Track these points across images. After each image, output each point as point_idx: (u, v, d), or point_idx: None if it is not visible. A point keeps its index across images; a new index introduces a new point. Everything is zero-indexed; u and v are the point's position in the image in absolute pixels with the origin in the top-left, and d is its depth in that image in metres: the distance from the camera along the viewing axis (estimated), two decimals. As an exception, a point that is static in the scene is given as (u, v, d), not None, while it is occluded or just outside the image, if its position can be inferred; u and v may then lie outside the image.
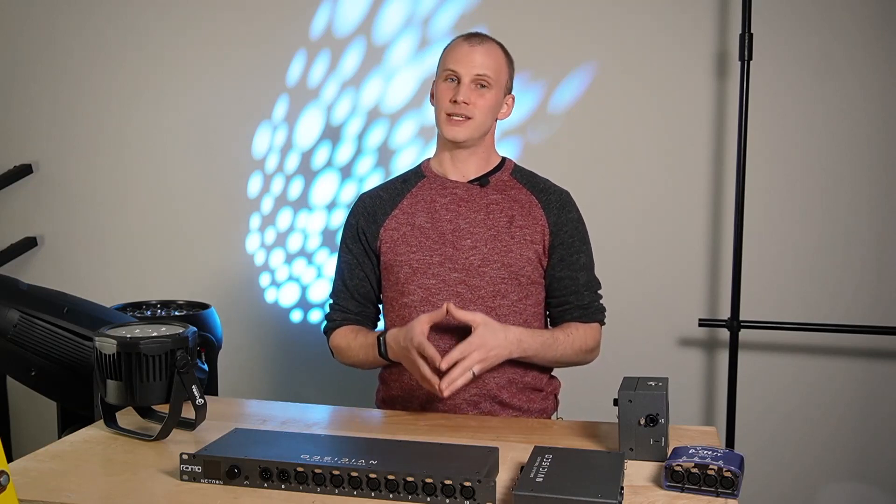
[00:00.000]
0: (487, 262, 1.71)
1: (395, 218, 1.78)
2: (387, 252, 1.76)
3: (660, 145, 2.53)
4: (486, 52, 1.73)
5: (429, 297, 1.72)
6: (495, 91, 1.73)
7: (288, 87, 2.77)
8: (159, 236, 2.94)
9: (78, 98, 2.96)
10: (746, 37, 2.29)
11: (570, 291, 1.75)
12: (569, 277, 1.75)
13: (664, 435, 1.34)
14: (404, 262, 1.74)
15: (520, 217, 1.74)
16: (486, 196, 1.76)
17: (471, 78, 1.71)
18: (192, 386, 1.45)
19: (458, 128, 1.72)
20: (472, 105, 1.71)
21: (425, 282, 1.72)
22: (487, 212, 1.75)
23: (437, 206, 1.77)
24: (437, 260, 1.72)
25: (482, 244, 1.72)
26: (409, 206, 1.78)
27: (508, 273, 1.71)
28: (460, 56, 1.72)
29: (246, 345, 2.87)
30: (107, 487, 1.28)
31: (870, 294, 2.43)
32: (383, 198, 1.82)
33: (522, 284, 1.73)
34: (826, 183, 2.44)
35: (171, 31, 2.86)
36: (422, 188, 1.80)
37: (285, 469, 1.22)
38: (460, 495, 1.15)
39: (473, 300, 1.71)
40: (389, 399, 1.80)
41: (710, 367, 2.57)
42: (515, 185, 1.79)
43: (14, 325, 1.65)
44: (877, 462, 2.47)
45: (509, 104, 1.80)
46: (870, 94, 2.38)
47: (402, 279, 1.74)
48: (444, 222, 1.74)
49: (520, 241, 1.72)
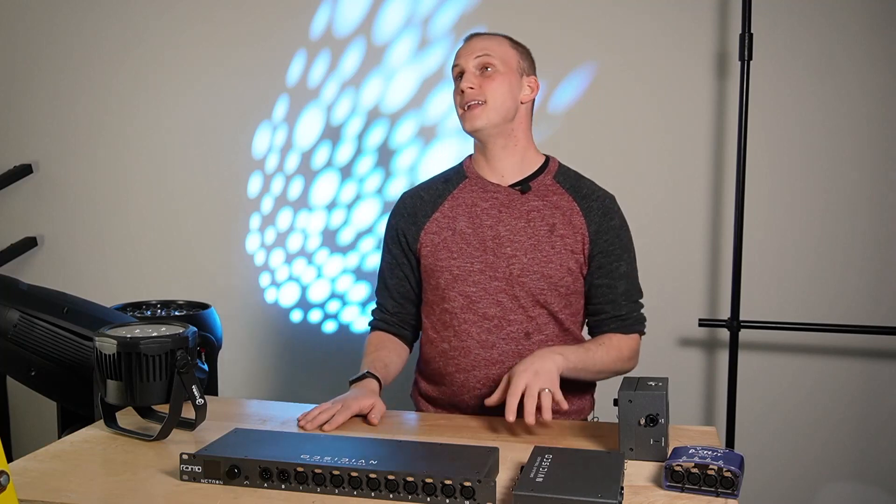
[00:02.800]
0: (527, 272, 1.68)
1: (436, 221, 1.75)
2: (427, 256, 1.74)
3: (660, 145, 2.53)
4: (487, 38, 1.72)
5: (469, 304, 1.70)
6: (504, 73, 1.69)
7: (288, 87, 2.77)
8: (159, 236, 2.94)
9: (78, 98, 2.96)
10: (746, 37, 2.29)
11: (607, 300, 1.72)
12: (607, 286, 1.72)
13: (664, 435, 1.34)
14: (445, 268, 1.72)
15: (561, 225, 1.70)
16: (527, 202, 1.72)
17: (473, 63, 1.69)
18: (192, 386, 1.45)
19: (472, 114, 1.67)
20: (479, 88, 1.67)
21: (465, 289, 1.70)
22: (528, 219, 1.71)
23: (478, 210, 1.73)
24: (479, 268, 1.70)
25: (522, 253, 1.69)
26: (451, 209, 1.75)
27: (548, 284, 1.68)
28: (461, 51, 1.73)
29: (246, 345, 2.87)
30: (107, 487, 1.28)
31: (870, 294, 2.43)
32: (424, 199, 1.79)
33: (562, 295, 1.70)
34: (826, 183, 2.44)
35: (170, 30, 2.86)
36: (463, 190, 1.76)
37: (285, 469, 1.22)
38: (460, 495, 1.15)
39: (514, 309, 1.69)
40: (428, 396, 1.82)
41: (710, 367, 2.57)
42: (558, 189, 1.74)
43: (14, 325, 1.65)
44: (877, 462, 2.47)
45: (532, 85, 1.73)
46: (870, 94, 2.38)
47: (443, 285, 1.72)
48: (486, 228, 1.71)
49: (560, 250, 1.69)
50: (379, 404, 1.58)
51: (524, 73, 1.73)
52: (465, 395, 1.72)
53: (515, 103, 1.71)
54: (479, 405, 1.68)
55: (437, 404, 1.80)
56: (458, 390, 1.72)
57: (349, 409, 1.55)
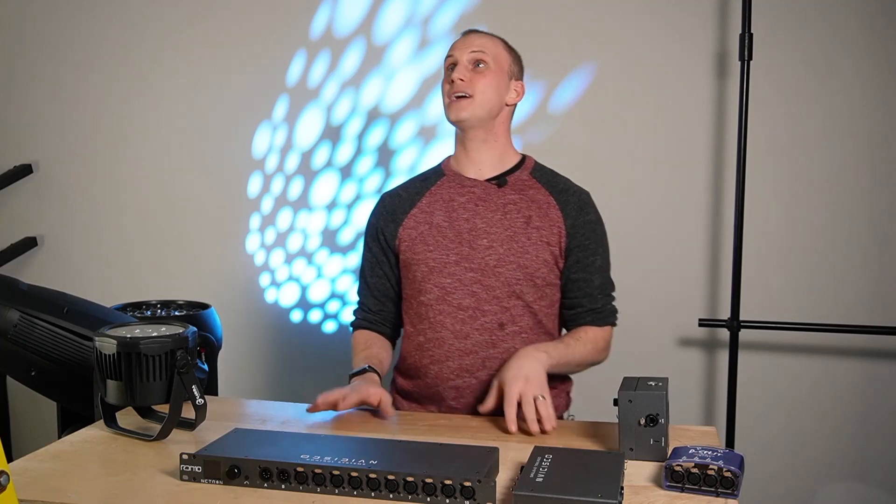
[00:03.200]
0: (503, 262, 1.71)
1: (414, 217, 1.79)
2: (405, 251, 1.78)
3: (660, 145, 2.53)
4: (484, 36, 1.78)
5: (444, 295, 1.73)
6: (495, 72, 1.74)
7: (288, 87, 2.77)
8: (159, 236, 2.94)
9: (78, 98, 2.96)
10: (746, 37, 2.29)
11: (583, 294, 1.75)
12: (583, 280, 1.75)
13: (664, 435, 1.34)
14: (421, 260, 1.75)
15: (537, 218, 1.74)
16: (503, 196, 1.76)
17: (467, 57, 1.73)
18: (192, 386, 1.45)
19: (458, 106, 1.72)
20: (469, 82, 1.72)
21: (441, 280, 1.73)
22: (504, 212, 1.74)
23: (455, 204, 1.77)
24: (454, 259, 1.73)
25: (498, 244, 1.72)
26: (428, 204, 1.79)
27: (524, 274, 1.71)
28: (458, 43, 1.77)
29: (246, 345, 2.87)
30: (107, 487, 1.28)
31: (870, 294, 2.43)
32: (403, 197, 1.83)
33: (538, 286, 1.73)
34: (826, 183, 2.44)
35: (170, 31, 2.86)
36: (441, 186, 1.81)
37: (285, 469, 1.22)
38: (460, 495, 1.15)
39: (489, 300, 1.71)
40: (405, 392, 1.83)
41: (710, 367, 2.57)
42: (534, 184, 1.78)
43: (14, 325, 1.65)
44: (877, 462, 2.47)
45: (518, 90, 1.79)
46: (870, 94, 2.38)
47: (420, 278, 1.75)
48: (462, 221, 1.75)
49: (536, 242, 1.72)
50: (386, 396, 1.59)
51: (513, 77, 1.79)
52: (440, 387, 1.73)
53: (500, 103, 1.76)
54: (453, 397, 1.72)
55: (413, 399, 1.81)
56: (432, 382, 1.74)
57: (359, 392, 1.56)
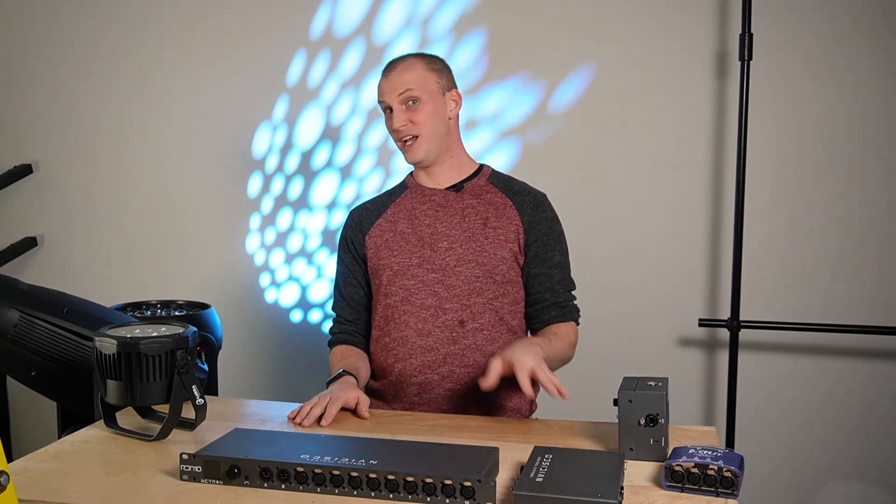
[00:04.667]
0: (462, 261, 1.77)
1: (380, 226, 1.87)
2: (372, 258, 1.85)
3: (660, 145, 2.53)
4: (401, 70, 1.79)
5: (408, 297, 1.79)
6: (428, 101, 1.77)
7: (288, 87, 2.77)
8: (159, 236, 2.94)
9: (78, 98, 2.96)
10: (746, 37, 2.29)
11: (545, 288, 1.80)
12: (544, 274, 1.80)
13: (664, 435, 1.34)
14: (386, 265, 1.82)
15: (494, 218, 1.80)
16: (462, 201, 1.83)
17: (397, 101, 1.77)
18: (192, 386, 1.45)
19: (412, 149, 1.79)
20: (409, 124, 1.77)
21: (405, 283, 1.79)
22: (463, 215, 1.81)
23: (417, 212, 1.85)
24: (416, 262, 1.79)
25: (457, 245, 1.78)
26: (393, 214, 1.87)
27: (483, 272, 1.76)
28: (383, 87, 1.81)
29: (246, 345, 2.87)
30: (107, 487, 1.28)
31: (870, 294, 2.43)
32: (370, 209, 1.91)
33: (498, 283, 1.77)
34: (826, 183, 2.44)
35: (170, 31, 2.86)
36: (405, 198, 1.88)
37: (285, 469, 1.22)
38: (460, 495, 1.15)
39: (450, 298, 1.77)
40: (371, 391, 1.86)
41: (710, 367, 2.57)
42: (491, 189, 1.85)
43: (14, 325, 1.65)
44: (877, 462, 2.47)
45: (455, 99, 1.83)
46: (869, 94, 2.38)
47: (385, 282, 1.81)
48: (423, 227, 1.82)
49: (494, 241, 1.78)
50: (363, 397, 1.62)
51: (445, 91, 1.82)
52: (404, 384, 1.77)
53: (445, 123, 1.82)
54: (416, 393, 1.76)
55: (380, 397, 1.84)
56: (395, 379, 1.79)
57: (339, 400, 1.59)
